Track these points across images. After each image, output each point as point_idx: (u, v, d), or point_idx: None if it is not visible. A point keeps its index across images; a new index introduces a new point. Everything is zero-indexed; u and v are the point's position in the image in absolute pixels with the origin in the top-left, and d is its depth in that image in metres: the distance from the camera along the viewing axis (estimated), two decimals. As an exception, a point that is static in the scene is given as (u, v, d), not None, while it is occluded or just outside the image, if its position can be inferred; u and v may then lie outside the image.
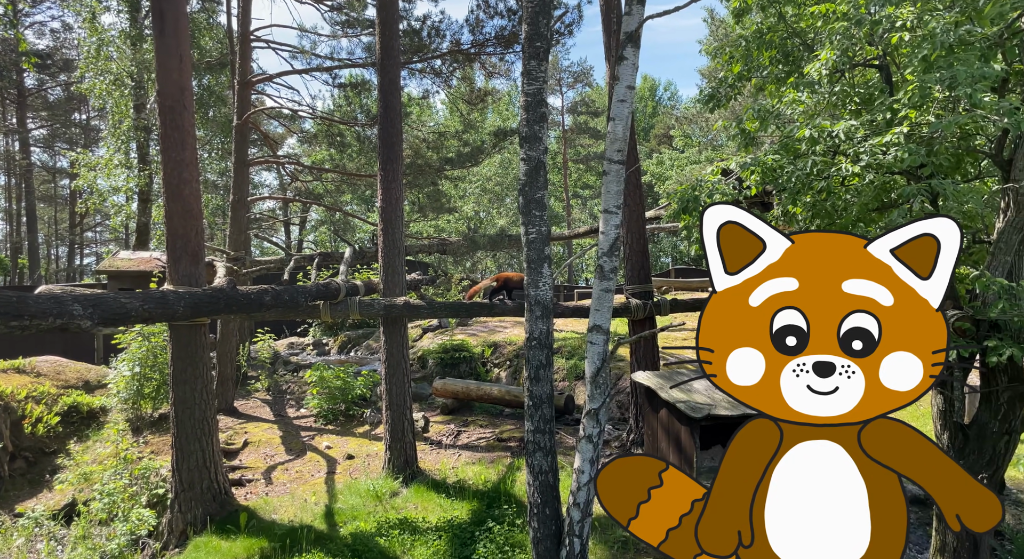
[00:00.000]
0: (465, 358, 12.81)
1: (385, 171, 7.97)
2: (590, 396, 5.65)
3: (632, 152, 8.48)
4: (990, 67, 4.25)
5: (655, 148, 47.10)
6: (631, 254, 8.54)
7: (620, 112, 5.33)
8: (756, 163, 6.55)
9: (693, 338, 10.53)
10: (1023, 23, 4.53)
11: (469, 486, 7.44)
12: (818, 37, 6.57)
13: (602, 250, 5.60)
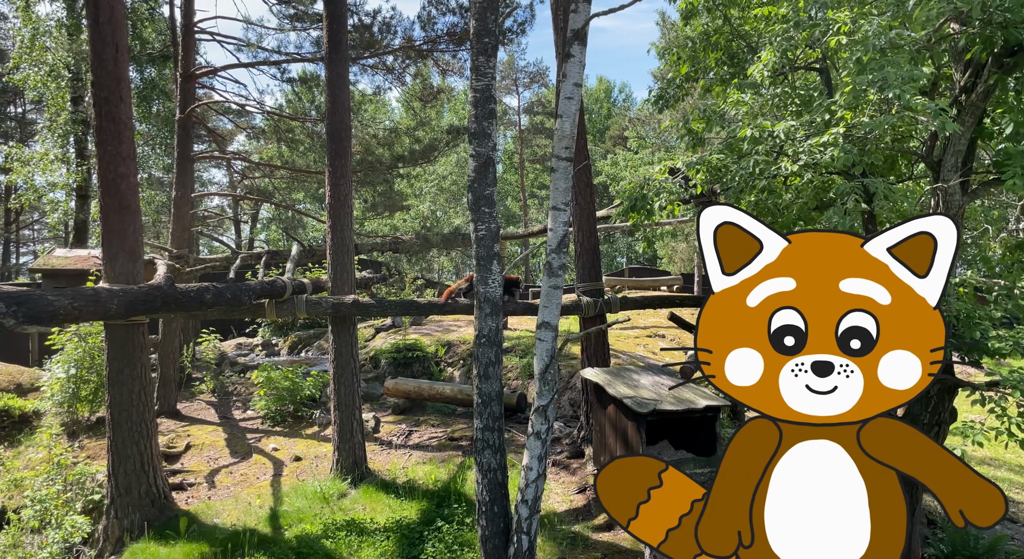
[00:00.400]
0: (418, 357, 12.70)
1: (333, 167, 7.84)
2: (539, 393, 5.65)
3: (582, 150, 8.54)
4: (919, 70, 4.41)
5: (610, 149, 47.60)
6: (582, 252, 8.59)
7: (568, 109, 5.34)
8: (702, 162, 6.67)
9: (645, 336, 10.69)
10: (951, 28, 4.71)
11: (419, 486, 7.37)
12: (761, 39, 6.73)
13: (551, 247, 5.61)
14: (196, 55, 12.27)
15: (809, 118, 5.93)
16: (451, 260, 40.91)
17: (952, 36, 5.00)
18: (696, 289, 19.58)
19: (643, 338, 15.08)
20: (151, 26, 14.76)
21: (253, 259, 11.70)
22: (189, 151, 11.61)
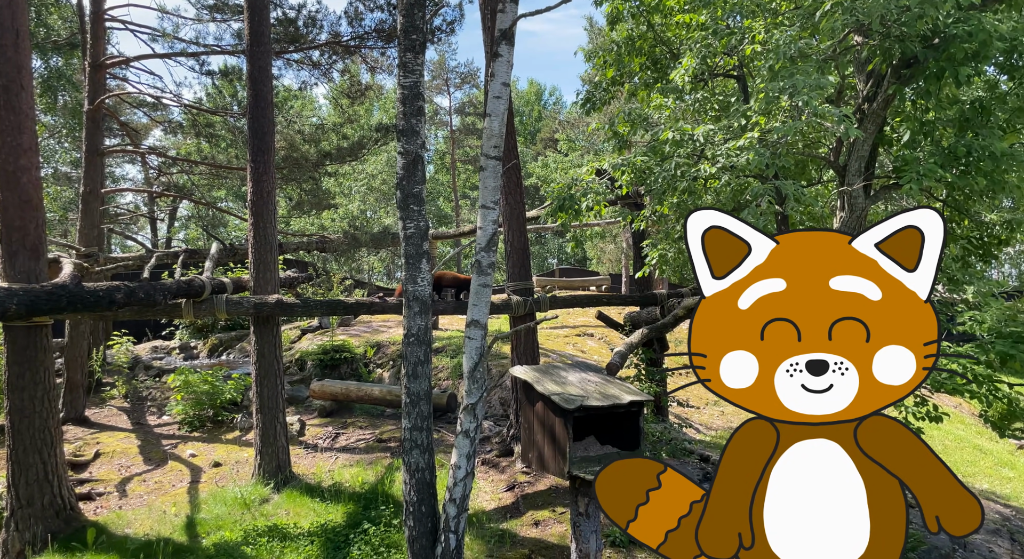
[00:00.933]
0: (346, 359, 12.46)
1: (256, 163, 7.60)
2: (468, 391, 5.65)
3: (512, 150, 8.59)
4: (826, 78, 4.67)
5: (541, 151, 48.09)
6: (512, 252, 8.65)
7: (496, 108, 5.38)
8: (627, 164, 6.84)
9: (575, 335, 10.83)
10: (855, 40, 5.01)
11: (346, 489, 7.24)
12: (683, 46, 6.95)
13: (480, 245, 5.62)
14: (107, 44, 11.63)
15: (727, 123, 6.18)
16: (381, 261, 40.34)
17: (855, 48, 5.32)
18: (623, 289, 20.00)
19: (573, 337, 15.30)
20: (57, 12, 13.90)
21: (170, 258, 11.18)
22: (99, 145, 10.99)
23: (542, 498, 7.21)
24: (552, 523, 6.74)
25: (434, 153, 51.56)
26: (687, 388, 13.47)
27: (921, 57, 4.96)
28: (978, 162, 5.08)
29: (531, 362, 8.50)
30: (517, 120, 52.96)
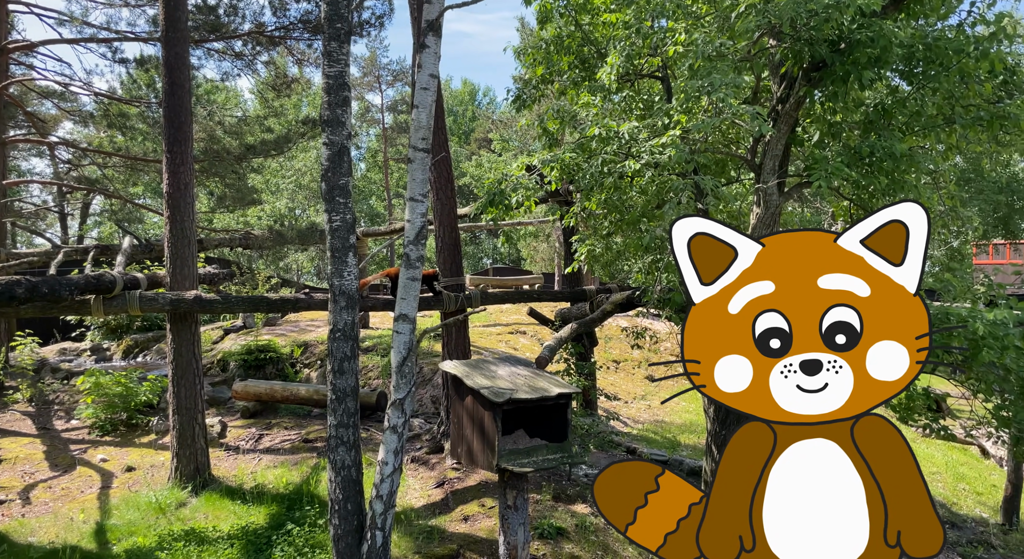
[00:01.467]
0: (272, 359, 12.09)
1: (172, 153, 7.28)
2: (395, 386, 5.59)
3: (442, 144, 8.55)
4: (742, 78, 4.86)
5: (475, 151, 48.07)
6: (443, 247, 8.61)
7: (424, 100, 5.34)
8: (556, 160, 6.91)
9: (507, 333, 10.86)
10: (769, 43, 5.24)
11: (269, 490, 7.03)
12: (610, 45, 7.07)
13: (408, 238, 5.57)
14: (11, 28, 10.91)
15: (651, 121, 6.34)
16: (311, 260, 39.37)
17: (769, 50, 5.56)
18: (556, 287, 20.24)
19: (505, 335, 15.37)
20: (-48, -10, 12.91)
21: (79, 254, 10.57)
22: (1, 134, 10.29)
23: (472, 493, 7.20)
24: (481, 517, 6.75)
25: (366, 151, 50.74)
26: (614, 381, 13.75)
27: (829, 61, 5.22)
28: (880, 162, 5.39)
29: (463, 355, 8.48)
30: (451, 120, 52.77)
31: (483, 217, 6.98)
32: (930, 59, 5.21)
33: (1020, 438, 5.26)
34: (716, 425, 6.59)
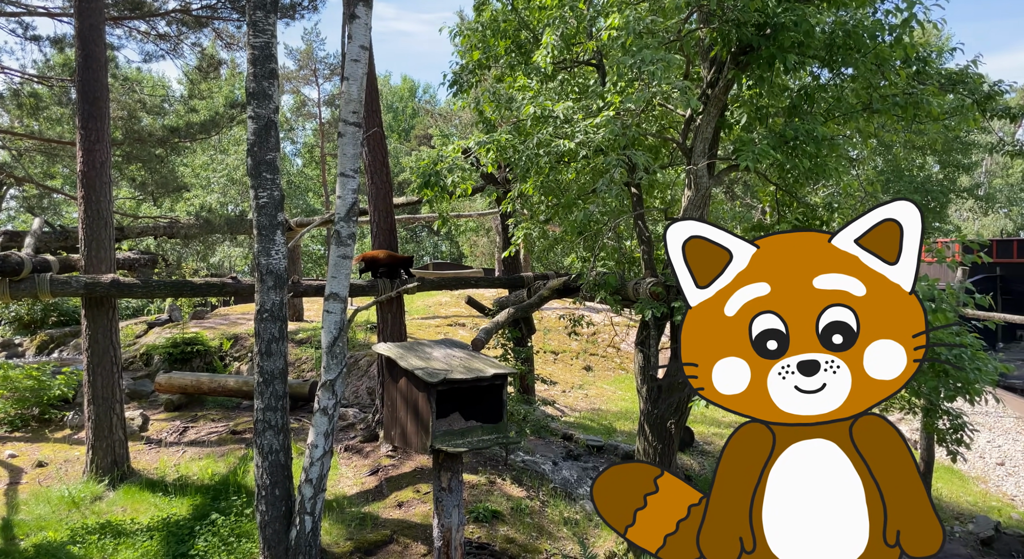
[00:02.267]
0: (199, 352, 11.63)
1: (87, 130, 6.88)
2: (326, 367, 5.45)
3: (373, 115, 8.38)
4: (672, 56, 4.94)
5: (415, 147, 47.60)
6: (378, 233, 8.45)
7: (354, 72, 5.21)
8: (491, 142, 6.88)
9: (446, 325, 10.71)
10: (697, 24, 5.33)
11: (193, 482, 6.74)
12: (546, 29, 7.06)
13: (339, 215, 5.43)
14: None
15: (586, 103, 6.38)
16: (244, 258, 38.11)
17: (698, 31, 5.67)
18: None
19: (445, 327, 15.23)
20: None
21: (-14, 241, 9.89)
22: None
23: (407, 480, 7.10)
24: (416, 503, 6.65)
25: (302, 147, 49.56)
26: (552, 371, 13.82)
27: (755, 44, 5.36)
28: (803, 145, 5.57)
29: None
30: (391, 116, 52.06)
31: (424, 208, 6.89)
32: (848, 45, 5.40)
33: (929, 410, 5.52)
34: (648, 404, 6.68)
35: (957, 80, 6.22)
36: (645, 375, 6.78)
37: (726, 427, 11.24)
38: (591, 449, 9.37)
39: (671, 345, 6.72)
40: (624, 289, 6.85)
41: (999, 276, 24.84)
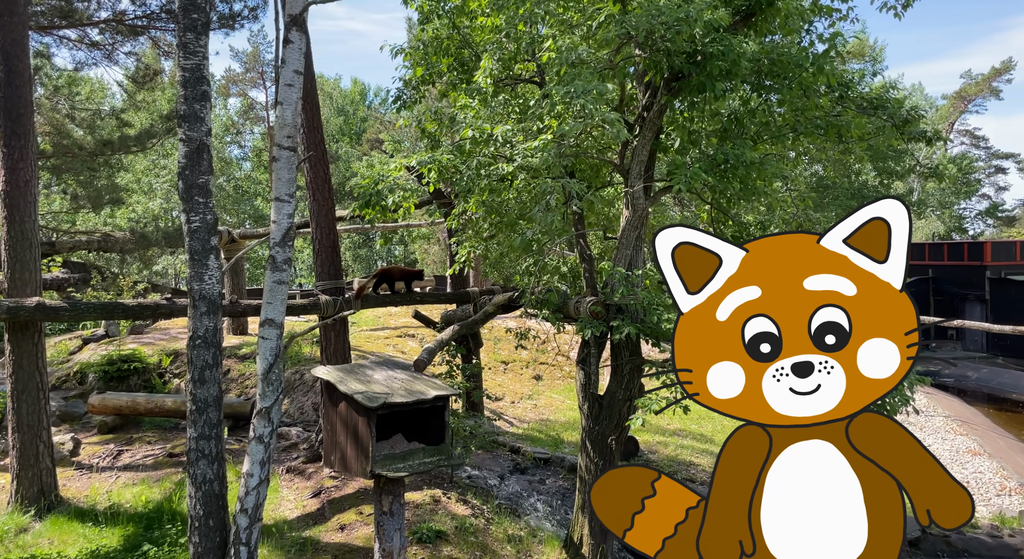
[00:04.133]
0: (137, 369, 11.28)
1: (9, 147, 6.62)
2: (261, 394, 5.36)
3: (318, 143, 8.31)
4: (604, 85, 5.04)
5: (367, 152, 47.12)
6: (321, 249, 8.35)
7: (288, 97, 5.15)
8: (433, 161, 6.89)
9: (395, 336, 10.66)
10: (632, 51, 5.46)
11: (126, 510, 6.54)
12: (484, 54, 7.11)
13: (274, 240, 5.36)
14: None
15: (527, 125, 6.45)
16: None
17: (633, 59, 5.80)
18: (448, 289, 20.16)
19: (394, 338, 15.12)
20: None
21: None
22: None
23: (349, 501, 7.03)
24: (359, 526, 6.60)
25: (251, 150, 48.57)
26: (502, 382, 13.88)
27: (686, 72, 5.52)
28: (734, 168, 5.75)
29: (342, 362, 8.26)
30: (342, 120, 51.40)
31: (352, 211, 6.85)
32: (775, 72, 5.61)
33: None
34: (590, 421, 6.78)
35: (878, 104, 6.52)
36: (586, 392, 6.88)
37: (671, 435, 11.47)
38: (538, 462, 9.45)
39: (612, 362, 6.83)
40: (566, 307, 6.94)
41: (931, 278, 26.02)
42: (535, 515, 7.96)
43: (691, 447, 10.95)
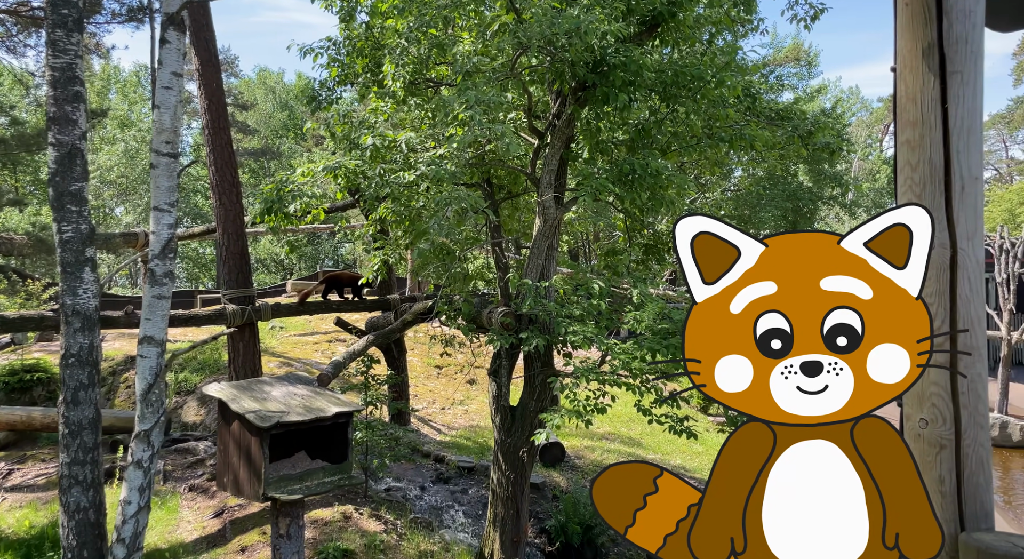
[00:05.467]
0: (41, 380, 10.66)
1: None
2: (140, 416, 5.06)
3: (225, 145, 7.96)
4: (503, 95, 4.90)
5: (311, 148, 46.15)
6: (228, 256, 8.00)
7: (166, 100, 4.86)
8: (339, 167, 6.65)
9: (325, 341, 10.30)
10: (533, 60, 5.34)
11: (7, 536, 6.12)
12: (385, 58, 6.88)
13: (153, 252, 5.05)
14: None
15: (436, 132, 6.27)
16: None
17: (538, 69, 5.68)
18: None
19: (323, 344, 14.74)
20: None
21: None
22: None
23: (253, 521, 6.75)
24: (261, 547, 6.33)
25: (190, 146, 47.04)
26: (434, 387, 13.68)
27: (590, 82, 5.42)
28: (641, 179, 5.69)
29: (252, 375, 7.94)
30: (286, 114, 50.18)
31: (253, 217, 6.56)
32: (679, 84, 5.57)
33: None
34: (502, 433, 6.66)
35: (784, 116, 6.57)
36: (498, 404, 6.75)
37: (599, 439, 11.47)
38: (462, 471, 9.29)
39: (524, 373, 6.72)
40: (479, 317, 6.79)
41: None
42: (454, 528, 7.81)
43: (618, 451, 10.96)
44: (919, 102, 2.07)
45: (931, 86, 2.03)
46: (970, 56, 2.01)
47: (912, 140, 2.11)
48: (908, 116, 2.13)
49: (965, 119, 2.04)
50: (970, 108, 2.04)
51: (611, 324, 5.84)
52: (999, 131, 48.60)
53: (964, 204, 2.16)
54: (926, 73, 2.04)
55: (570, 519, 7.86)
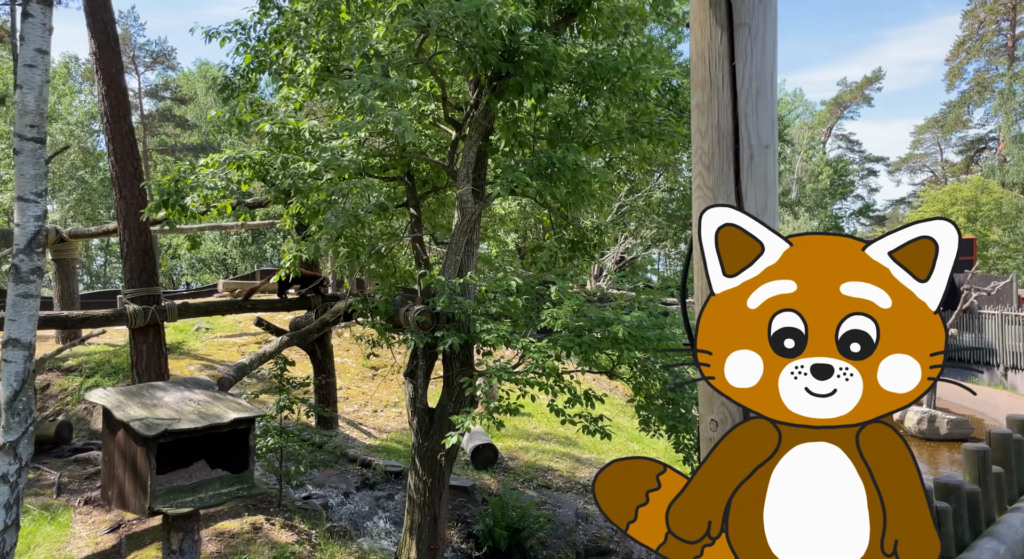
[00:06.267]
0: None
1: None
2: (6, 427, 4.61)
3: (125, 133, 7.46)
4: (406, 82, 4.63)
5: (257, 142, 44.93)
6: (130, 253, 7.48)
7: (30, 79, 4.41)
8: (243, 158, 6.27)
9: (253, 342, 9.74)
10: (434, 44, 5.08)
11: None
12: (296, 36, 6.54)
13: (18, 246, 4.59)
14: None
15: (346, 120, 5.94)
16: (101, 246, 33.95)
17: (447, 53, 5.42)
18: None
19: (252, 345, 14.12)
20: None
21: None
22: None
23: (152, 535, 6.30)
24: (158, 564, 5.91)
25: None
26: (368, 388, 13.29)
27: (503, 71, 5.19)
28: (560, 172, 5.49)
29: (156, 379, 7.45)
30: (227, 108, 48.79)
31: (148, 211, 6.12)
32: (596, 75, 5.39)
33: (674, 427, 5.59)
34: (420, 437, 6.39)
35: (708, 112, 6.45)
36: (415, 407, 6.48)
37: (535, 440, 11.29)
38: (389, 476, 8.97)
39: (444, 373, 6.47)
40: (397, 315, 6.51)
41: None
42: (375, 536, 7.50)
43: (552, 452, 10.79)
44: (707, 60, 1.89)
45: (719, 41, 1.85)
46: (759, 5, 1.82)
47: (701, 104, 1.94)
48: (698, 76, 1.93)
49: (754, 79, 1.86)
50: (759, 67, 1.86)
51: (529, 322, 5.64)
52: (934, 135, 50.68)
53: (753, 175, 2.00)
54: (713, 26, 1.85)
55: (497, 523, 7.63)
